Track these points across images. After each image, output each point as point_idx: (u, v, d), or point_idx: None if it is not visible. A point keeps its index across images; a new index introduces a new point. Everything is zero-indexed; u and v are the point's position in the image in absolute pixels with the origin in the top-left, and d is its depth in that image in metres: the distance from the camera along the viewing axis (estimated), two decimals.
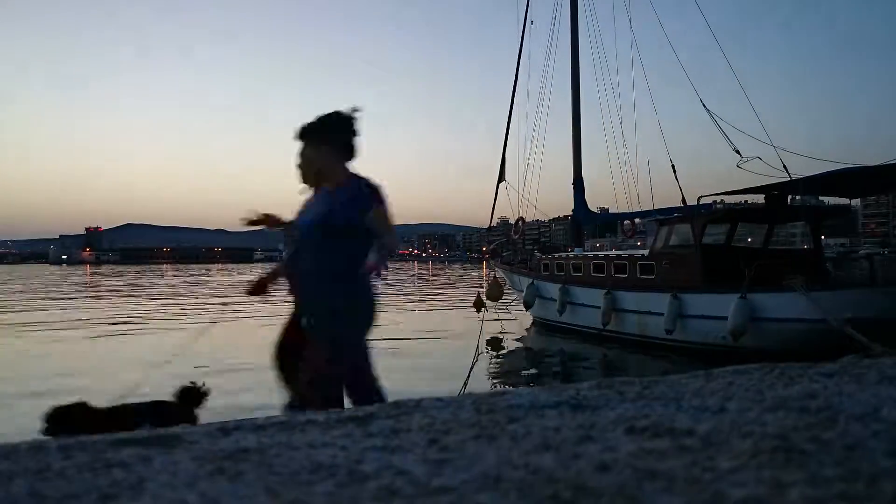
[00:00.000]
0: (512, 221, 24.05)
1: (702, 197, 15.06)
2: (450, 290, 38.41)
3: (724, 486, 1.04)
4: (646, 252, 15.91)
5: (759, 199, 14.90)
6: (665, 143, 19.49)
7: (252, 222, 4.29)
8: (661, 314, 13.37)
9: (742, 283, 12.10)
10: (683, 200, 16.21)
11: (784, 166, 14.84)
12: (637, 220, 20.99)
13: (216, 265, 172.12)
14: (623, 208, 20.04)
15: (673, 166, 18.11)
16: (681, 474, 1.10)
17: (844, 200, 16.64)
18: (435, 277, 62.48)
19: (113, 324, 20.53)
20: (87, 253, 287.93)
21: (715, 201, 16.49)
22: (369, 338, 4.17)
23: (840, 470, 1.09)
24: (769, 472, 1.09)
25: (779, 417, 1.47)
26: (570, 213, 22.47)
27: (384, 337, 17.34)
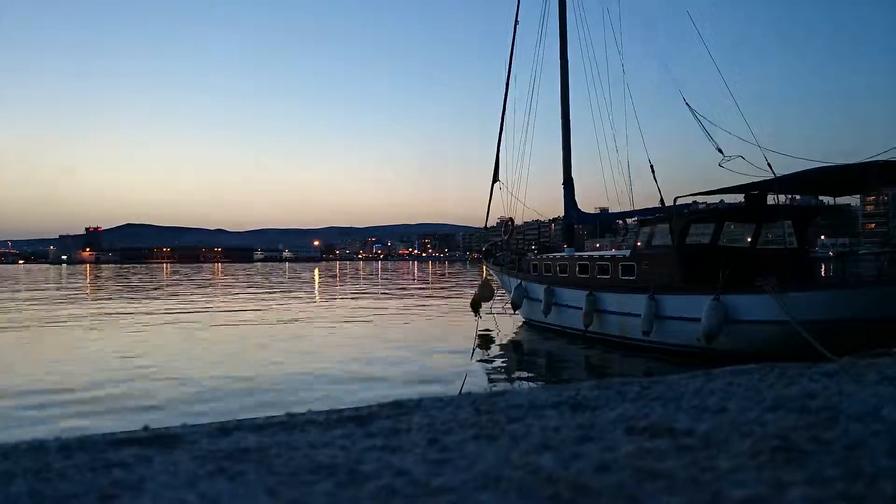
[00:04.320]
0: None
1: (678, 197, 15.04)
2: (449, 291, 38.44)
3: (724, 486, 1.04)
4: (628, 253, 15.93)
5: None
6: (644, 144, 19.51)
7: None
8: (640, 315, 13.34)
9: (717, 284, 12.01)
10: (661, 201, 16.20)
11: (769, 164, 14.81)
12: (630, 221, 20.99)
13: (217, 264, 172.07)
14: (617, 208, 20.07)
15: (651, 167, 18.12)
16: (681, 474, 1.10)
17: (844, 200, 16.59)
18: (436, 278, 62.51)
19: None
20: (87, 253, 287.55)
21: (695, 201, 16.44)
22: None
23: (840, 470, 1.09)
24: (769, 472, 1.09)
25: (779, 417, 1.47)
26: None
27: (383, 337, 17.35)
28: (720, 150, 15.82)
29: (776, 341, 10.84)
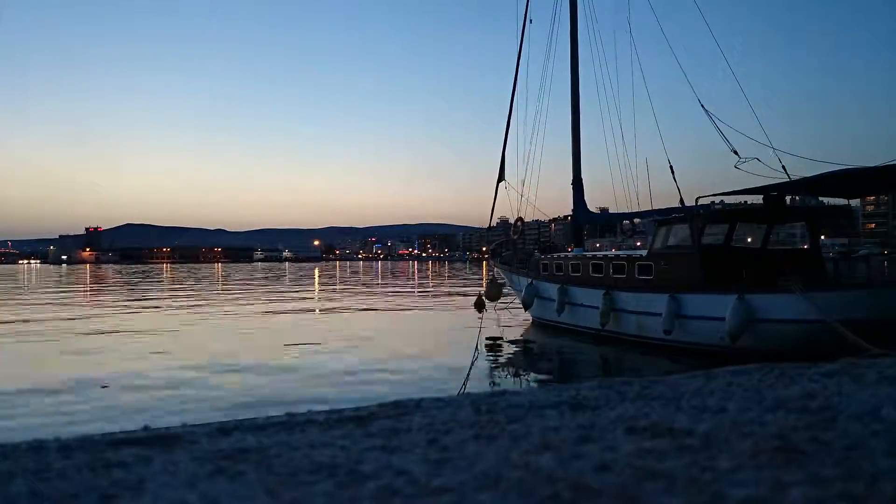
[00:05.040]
0: (512, 221, 24.05)
1: (700, 197, 15.05)
2: (450, 291, 38.44)
3: (724, 486, 1.03)
4: (644, 252, 15.92)
5: (758, 199, 14.91)
6: (663, 144, 19.52)
7: None
8: (660, 314, 13.37)
9: (740, 283, 12.09)
10: (682, 201, 16.21)
11: (783, 167, 14.85)
12: (637, 221, 20.97)
13: (217, 264, 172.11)
14: (622, 208, 20.07)
15: (671, 167, 18.13)
16: (681, 474, 1.10)
17: (843, 201, 16.66)
18: (436, 278, 62.51)
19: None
20: (87, 253, 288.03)
21: (713, 202, 16.48)
22: None
23: (840, 470, 1.09)
24: (769, 472, 1.09)
25: (779, 417, 1.47)
26: (570, 213, 22.49)
27: (384, 337, 17.36)
28: (735, 152, 15.85)
29: (801, 340, 10.89)
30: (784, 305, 11.60)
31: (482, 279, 37.96)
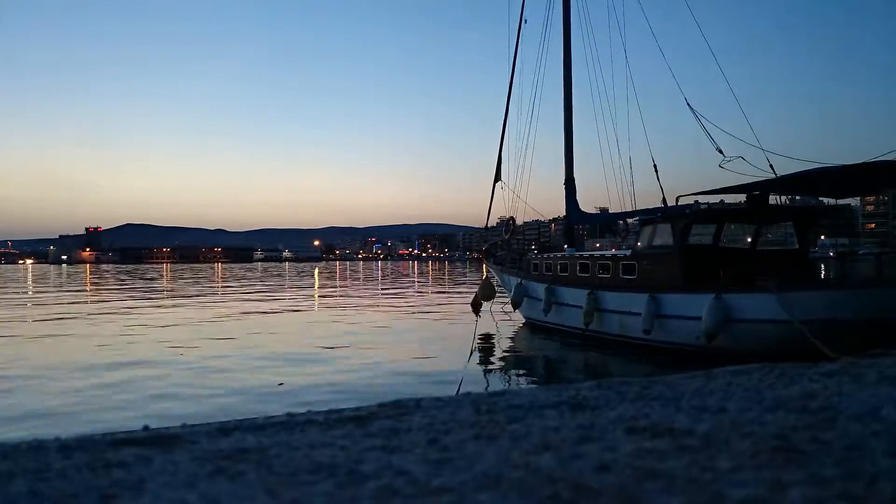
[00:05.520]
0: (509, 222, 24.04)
1: (680, 197, 14.99)
2: (449, 291, 38.44)
3: (724, 486, 1.03)
4: (629, 252, 15.92)
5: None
6: (648, 143, 19.60)
7: None
8: (640, 314, 13.38)
9: (718, 283, 12.06)
10: (664, 200, 16.17)
11: (771, 166, 14.82)
12: (630, 221, 20.97)
13: (217, 264, 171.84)
14: (617, 208, 20.08)
15: (655, 166, 18.15)
16: (681, 474, 1.10)
17: (845, 201, 16.64)
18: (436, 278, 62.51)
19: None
20: (87, 253, 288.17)
21: (696, 201, 16.41)
22: None
23: (840, 470, 1.09)
24: (769, 472, 1.09)
25: (779, 417, 1.47)
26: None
27: (382, 337, 17.36)
28: (720, 151, 15.85)
29: (777, 341, 10.85)
30: (760, 305, 11.56)
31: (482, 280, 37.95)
